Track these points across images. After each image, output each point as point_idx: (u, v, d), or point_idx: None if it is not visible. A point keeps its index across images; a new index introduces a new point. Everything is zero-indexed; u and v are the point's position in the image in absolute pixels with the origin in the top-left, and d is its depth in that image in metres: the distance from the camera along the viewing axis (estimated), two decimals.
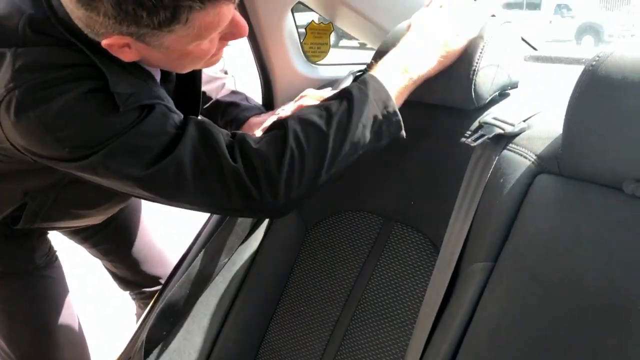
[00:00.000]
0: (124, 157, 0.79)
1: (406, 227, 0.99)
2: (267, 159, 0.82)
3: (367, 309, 0.99)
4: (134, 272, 1.53)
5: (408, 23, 0.97)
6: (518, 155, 0.84)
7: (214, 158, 0.81)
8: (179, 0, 0.69)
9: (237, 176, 0.81)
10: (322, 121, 0.84)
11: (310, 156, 0.83)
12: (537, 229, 0.77)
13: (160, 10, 0.69)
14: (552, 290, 0.72)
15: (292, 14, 1.22)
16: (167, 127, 0.81)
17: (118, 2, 0.68)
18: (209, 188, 0.82)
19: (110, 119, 0.78)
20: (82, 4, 0.71)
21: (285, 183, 0.82)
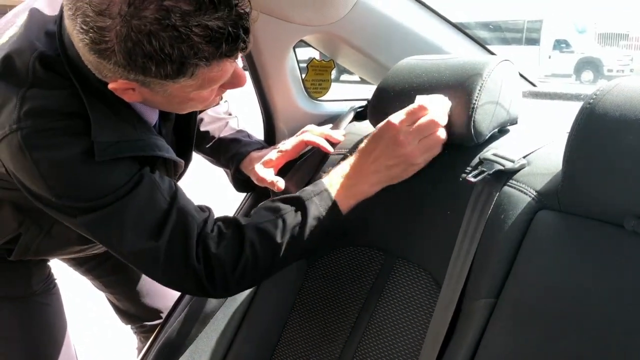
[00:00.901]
0: (107, 227, 0.87)
1: (408, 263, 0.99)
2: (224, 264, 0.90)
3: (370, 345, 0.98)
4: (135, 305, 1.52)
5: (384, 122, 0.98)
6: (518, 191, 0.85)
7: (184, 253, 0.88)
8: (186, 57, 0.73)
9: (197, 274, 0.89)
10: (276, 232, 0.92)
11: (262, 262, 0.92)
12: (538, 265, 0.77)
13: (168, 64, 0.74)
14: (554, 327, 0.72)
15: (294, 50, 1.24)
16: (154, 206, 0.88)
17: (129, 53, 0.72)
18: (174, 273, 0.90)
19: (101, 183, 0.85)
20: (94, 52, 0.75)
21: (236, 282, 0.92)
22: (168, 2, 0.71)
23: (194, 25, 0.72)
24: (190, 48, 0.73)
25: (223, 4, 0.74)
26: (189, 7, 0.71)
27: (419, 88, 0.99)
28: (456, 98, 0.93)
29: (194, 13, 0.72)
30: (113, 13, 0.71)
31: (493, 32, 15.80)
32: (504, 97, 0.95)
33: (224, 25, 0.74)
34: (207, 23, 0.73)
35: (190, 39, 0.72)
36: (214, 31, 0.73)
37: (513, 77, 0.98)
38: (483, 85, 0.91)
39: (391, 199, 1.03)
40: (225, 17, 0.74)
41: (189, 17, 0.71)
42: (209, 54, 0.75)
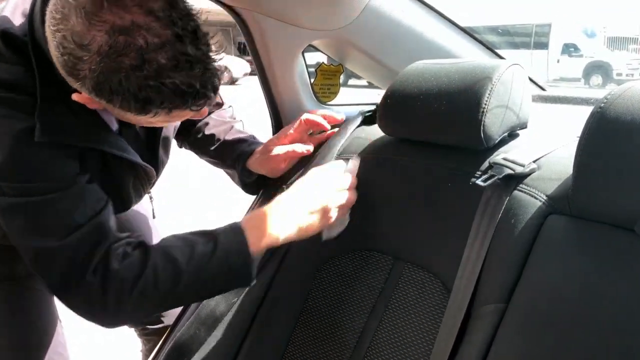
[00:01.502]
0: (20, 215, 0.85)
1: (417, 267, 0.98)
2: (122, 281, 0.87)
3: (378, 350, 0.98)
4: None
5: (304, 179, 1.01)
6: (529, 195, 0.84)
7: (83, 263, 0.86)
8: (151, 103, 0.76)
9: (90, 288, 0.86)
10: (182, 259, 0.89)
11: (161, 286, 0.88)
12: (549, 269, 0.77)
13: (132, 103, 0.75)
14: (565, 333, 0.71)
15: (303, 55, 1.24)
16: (72, 214, 0.86)
17: (98, 85, 0.74)
18: (69, 281, 0.86)
19: (35, 167, 0.84)
20: (65, 69, 0.76)
21: (133, 303, 0.88)
22: (148, 55, 0.72)
23: (166, 80, 0.74)
24: (157, 97, 0.75)
25: (199, 64, 0.76)
26: (166, 62, 0.73)
27: (428, 92, 0.99)
28: (466, 102, 0.93)
29: (169, 69, 0.74)
30: (92, 49, 0.72)
31: (501, 36, 15.79)
32: (514, 101, 0.95)
33: (194, 84, 0.76)
34: (180, 80, 0.75)
35: (159, 90, 0.74)
36: (184, 88, 0.75)
37: (523, 81, 0.98)
38: (493, 89, 0.91)
39: (400, 204, 1.03)
40: (198, 75, 0.76)
41: (163, 72, 0.73)
42: (173, 105, 0.77)
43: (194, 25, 0.75)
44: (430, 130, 1.00)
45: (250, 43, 1.18)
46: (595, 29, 16.60)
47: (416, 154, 1.04)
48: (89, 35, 0.71)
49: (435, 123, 0.98)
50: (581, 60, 15.38)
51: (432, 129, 1.00)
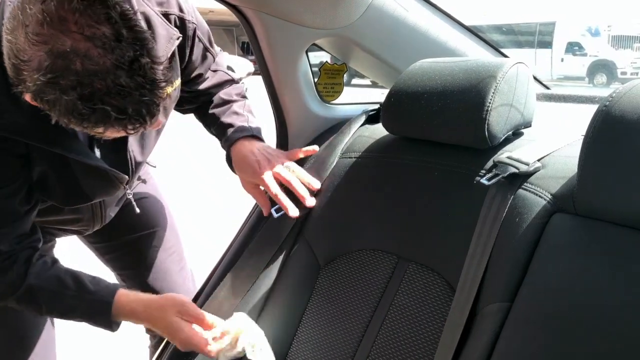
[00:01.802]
0: None
1: (421, 266, 0.98)
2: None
3: (383, 348, 0.98)
4: None
5: None
6: (533, 194, 0.84)
7: None
8: (86, 122, 0.78)
9: None
10: (47, 300, 1.03)
11: (22, 308, 1.05)
12: (553, 268, 0.76)
13: (69, 118, 0.78)
14: (570, 332, 0.71)
15: (307, 54, 1.24)
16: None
17: (37, 95, 0.77)
18: None
19: None
20: (11, 76, 0.78)
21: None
22: (83, 80, 0.74)
23: (98, 105, 0.76)
24: (91, 117, 0.77)
25: (133, 93, 0.77)
26: (101, 88, 0.75)
27: (432, 91, 0.99)
28: (470, 101, 0.92)
29: (103, 94, 0.75)
30: (32, 66, 0.74)
31: (506, 35, 15.75)
32: (518, 100, 0.95)
33: (127, 111, 0.78)
34: (112, 106, 0.76)
35: (93, 112, 0.76)
36: (115, 114, 0.77)
37: (527, 80, 0.98)
38: (497, 87, 0.91)
39: (404, 203, 1.03)
40: (131, 104, 0.78)
41: (97, 96, 0.75)
42: (108, 125, 0.80)
43: (133, 56, 0.76)
44: (434, 129, 1.00)
45: (254, 42, 1.18)
46: (599, 28, 16.54)
47: (420, 153, 1.04)
48: (30, 52, 0.74)
49: (439, 122, 0.98)
50: (585, 59, 15.33)
51: (436, 128, 1.00)
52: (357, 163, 1.14)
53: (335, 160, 1.18)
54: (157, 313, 1.05)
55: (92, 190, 1.10)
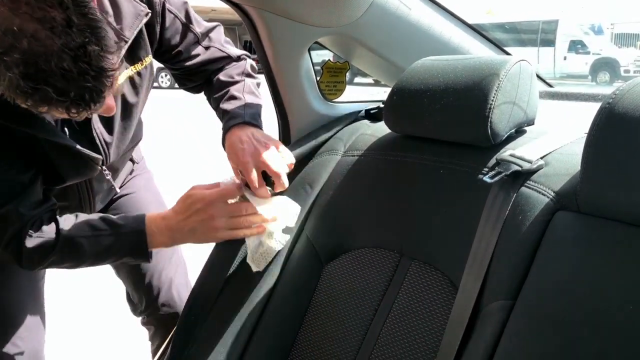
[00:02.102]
0: None
1: (423, 264, 0.98)
2: (31, 259, 1.06)
3: (385, 346, 0.98)
4: (139, 293, 1.53)
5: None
6: (536, 192, 0.84)
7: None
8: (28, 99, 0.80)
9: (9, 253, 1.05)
10: (86, 248, 1.07)
11: (65, 264, 1.10)
12: (557, 266, 0.76)
13: (13, 94, 0.80)
14: (573, 330, 0.71)
15: (309, 53, 1.24)
16: None
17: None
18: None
19: None
20: None
21: (40, 268, 1.09)
22: (29, 59, 0.76)
23: (42, 85, 0.78)
24: (34, 95, 0.79)
25: (78, 79, 0.79)
26: (46, 70, 0.76)
27: (435, 89, 0.99)
28: (473, 98, 0.92)
29: (47, 76, 0.77)
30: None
31: (508, 33, 15.73)
32: (521, 97, 0.95)
33: (69, 94, 0.80)
34: (54, 89, 0.78)
35: (35, 91, 0.78)
36: (55, 96, 0.79)
37: (530, 77, 0.98)
38: (500, 85, 0.90)
39: (407, 201, 1.02)
40: (73, 88, 0.80)
41: (41, 77, 0.77)
42: (51, 106, 0.81)
43: (81, 42, 0.78)
44: (436, 127, 1.00)
45: (257, 41, 1.18)
46: (602, 26, 16.51)
47: (422, 151, 1.04)
48: None
49: (442, 120, 0.98)
50: (588, 57, 15.30)
51: (438, 126, 1.00)
52: (359, 161, 1.14)
53: (338, 159, 1.18)
54: (186, 207, 1.09)
55: (67, 170, 1.13)
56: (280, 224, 1.11)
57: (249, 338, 1.12)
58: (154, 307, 1.53)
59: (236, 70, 1.28)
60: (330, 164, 1.18)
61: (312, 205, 1.17)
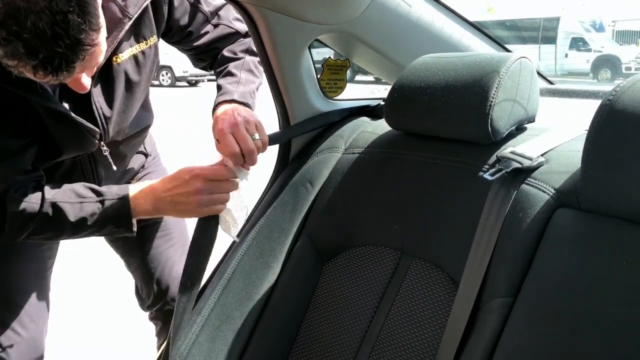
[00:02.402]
0: None
1: (424, 262, 0.98)
2: (12, 223, 1.06)
3: (386, 343, 0.98)
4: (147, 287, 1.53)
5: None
6: (537, 189, 0.84)
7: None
8: None
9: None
10: (69, 211, 1.07)
11: (47, 232, 1.09)
12: (558, 264, 0.76)
13: None
14: (574, 327, 0.71)
15: (310, 51, 1.24)
16: None
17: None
18: None
19: None
20: None
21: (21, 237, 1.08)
22: (11, 11, 0.79)
23: (19, 39, 0.81)
24: (7, 48, 0.82)
25: (57, 41, 0.83)
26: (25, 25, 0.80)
27: (435, 86, 0.99)
28: (473, 96, 0.92)
29: (25, 31, 0.80)
30: None
31: (509, 30, 15.70)
32: (522, 95, 0.95)
33: (44, 57, 0.83)
34: (31, 45, 0.82)
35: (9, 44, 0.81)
36: (32, 54, 0.82)
37: (530, 74, 0.97)
38: (500, 82, 0.90)
39: (407, 198, 1.02)
40: (52, 50, 0.83)
41: (20, 31, 0.80)
42: (20, 63, 0.84)
43: (64, 9, 0.81)
44: (437, 124, 1.00)
45: (257, 38, 1.18)
46: (603, 23, 16.47)
47: (423, 148, 1.04)
48: None
49: (442, 117, 0.98)
50: (589, 55, 15.27)
51: (439, 123, 0.99)
52: (360, 159, 1.14)
53: (339, 157, 1.18)
54: (173, 177, 1.09)
55: (64, 141, 1.14)
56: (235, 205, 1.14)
57: (249, 335, 1.12)
58: (163, 302, 1.54)
59: (240, 47, 1.31)
60: (330, 161, 1.18)
61: (312, 203, 1.17)
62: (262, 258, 1.15)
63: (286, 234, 1.16)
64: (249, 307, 1.13)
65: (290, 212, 1.17)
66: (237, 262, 1.16)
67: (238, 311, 1.13)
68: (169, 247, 1.52)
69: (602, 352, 0.68)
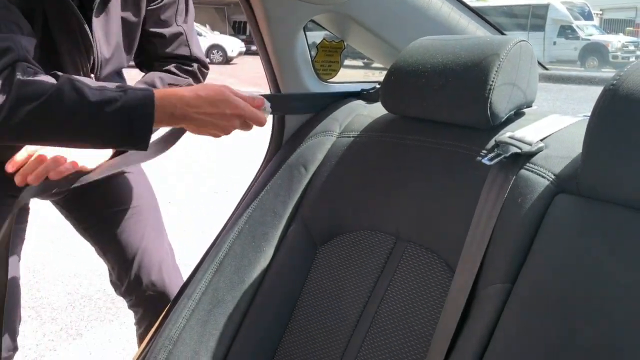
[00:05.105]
0: None
1: (419, 247, 0.97)
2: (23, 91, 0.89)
3: (380, 329, 0.97)
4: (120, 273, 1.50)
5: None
6: (536, 174, 0.83)
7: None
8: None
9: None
10: (89, 92, 0.92)
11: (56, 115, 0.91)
12: (556, 250, 0.76)
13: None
14: (573, 314, 0.71)
15: (304, 32, 1.22)
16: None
17: None
18: None
19: None
20: None
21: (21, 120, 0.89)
22: None
23: None
24: None
25: None
26: None
27: (433, 69, 0.97)
28: (472, 79, 0.91)
29: None
30: None
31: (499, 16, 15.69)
32: (521, 79, 0.94)
33: None
34: None
35: None
36: None
37: (530, 58, 0.96)
38: (500, 65, 0.89)
39: (403, 183, 1.01)
40: None
41: None
42: None
43: None
44: (434, 107, 0.99)
45: (252, 19, 1.16)
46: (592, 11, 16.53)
47: (420, 132, 1.03)
48: None
49: (440, 100, 0.96)
50: (577, 43, 15.34)
51: (436, 107, 0.98)
52: (355, 142, 1.12)
53: (333, 140, 1.16)
54: (212, 102, 1.00)
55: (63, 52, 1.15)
56: None
57: (242, 319, 1.11)
58: (143, 287, 1.50)
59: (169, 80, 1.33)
60: (325, 145, 1.17)
61: (306, 186, 1.16)
62: (254, 242, 1.14)
63: (279, 218, 1.15)
64: (241, 291, 1.12)
65: (284, 196, 1.15)
66: (228, 245, 1.15)
67: (230, 295, 1.12)
68: (143, 231, 1.49)
69: (601, 338, 0.68)
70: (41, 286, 2.86)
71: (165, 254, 1.53)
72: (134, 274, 1.48)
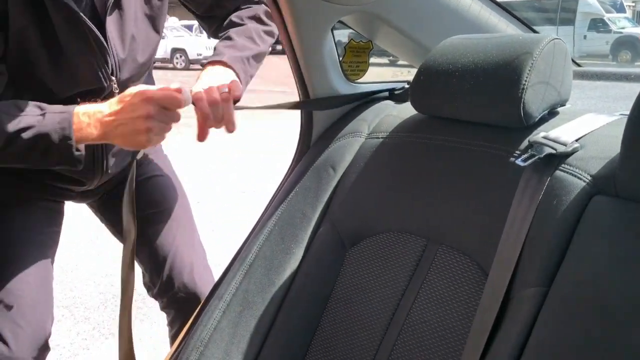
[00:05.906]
0: None
1: (451, 250, 0.96)
2: None
3: (411, 333, 0.96)
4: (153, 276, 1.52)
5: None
6: (571, 175, 0.81)
7: None
8: None
9: None
10: (6, 121, 0.96)
11: None
12: (594, 253, 0.74)
13: None
14: (610, 318, 0.69)
15: (332, 33, 1.21)
16: None
17: None
18: None
19: None
20: None
21: None
22: None
23: None
24: None
25: None
26: None
27: (464, 68, 0.96)
28: (505, 78, 0.89)
29: None
30: None
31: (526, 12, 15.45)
32: (555, 77, 0.92)
33: None
34: None
35: None
36: None
37: (564, 56, 0.94)
38: (533, 64, 0.87)
39: (434, 184, 1.00)
40: None
41: None
42: None
43: None
44: (465, 107, 0.97)
45: (280, 20, 1.15)
46: (624, 3, 16.15)
47: (451, 133, 1.01)
48: None
49: (472, 100, 0.95)
50: (609, 36, 15.00)
51: (467, 107, 0.97)
52: (384, 143, 1.11)
53: (362, 141, 1.15)
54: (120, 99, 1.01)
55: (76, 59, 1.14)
56: None
57: (272, 321, 1.11)
58: (175, 290, 1.52)
59: (247, 13, 1.32)
60: (353, 146, 1.16)
61: (335, 188, 1.15)
62: (283, 244, 1.14)
63: (308, 220, 1.14)
64: (271, 293, 1.12)
65: (312, 198, 1.15)
66: (258, 247, 1.15)
67: (260, 297, 1.12)
68: (175, 233, 1.50)
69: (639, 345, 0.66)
70: (74, 285, 2.91)
71: (197, 255, 1.54)
72: (166, 276, 1.49)
